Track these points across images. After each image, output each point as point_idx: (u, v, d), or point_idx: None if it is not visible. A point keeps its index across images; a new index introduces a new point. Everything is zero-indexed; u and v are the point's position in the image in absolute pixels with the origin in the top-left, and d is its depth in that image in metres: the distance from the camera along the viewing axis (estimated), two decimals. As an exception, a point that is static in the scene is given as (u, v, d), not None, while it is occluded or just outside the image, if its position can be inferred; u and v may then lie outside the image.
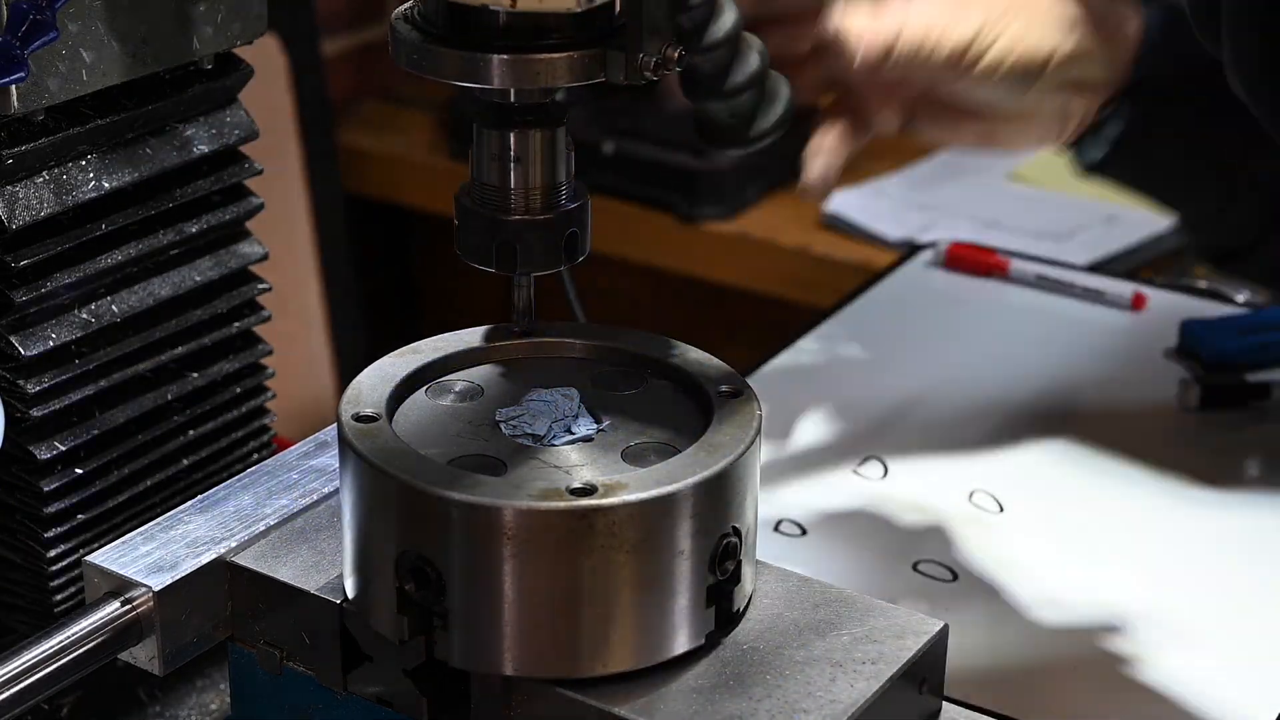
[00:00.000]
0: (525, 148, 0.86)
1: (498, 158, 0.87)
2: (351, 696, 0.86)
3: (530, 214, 0.87)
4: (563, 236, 0.88)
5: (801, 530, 1.13)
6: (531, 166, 0.87)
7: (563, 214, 0.88)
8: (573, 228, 0.88)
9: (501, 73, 0.83)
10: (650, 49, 0.84)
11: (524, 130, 0.86)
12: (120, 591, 0.85)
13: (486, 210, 0.87)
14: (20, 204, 0.92)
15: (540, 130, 0.86)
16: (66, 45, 0.90)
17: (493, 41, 0.82)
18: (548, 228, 0.87)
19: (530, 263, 0.88)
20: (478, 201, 0.88)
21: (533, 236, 0.87)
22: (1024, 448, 1.23)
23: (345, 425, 0.83)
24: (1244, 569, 1.10)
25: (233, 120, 1.01)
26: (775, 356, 1.34)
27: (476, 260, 0.89)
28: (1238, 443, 1.25)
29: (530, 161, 0.87)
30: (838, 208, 1.99)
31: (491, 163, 0.87)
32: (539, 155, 0.87)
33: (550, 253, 0.88)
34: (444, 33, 0.83)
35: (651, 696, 0.80)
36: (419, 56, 0.84)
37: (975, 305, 1.43)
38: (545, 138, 0.87)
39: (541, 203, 0.87)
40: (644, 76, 0.84)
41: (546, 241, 0.88)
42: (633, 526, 0.78)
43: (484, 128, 0.87)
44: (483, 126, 0.87)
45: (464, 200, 0.88)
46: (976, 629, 1.03)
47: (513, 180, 0.87)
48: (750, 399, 0.85)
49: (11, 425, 0.94)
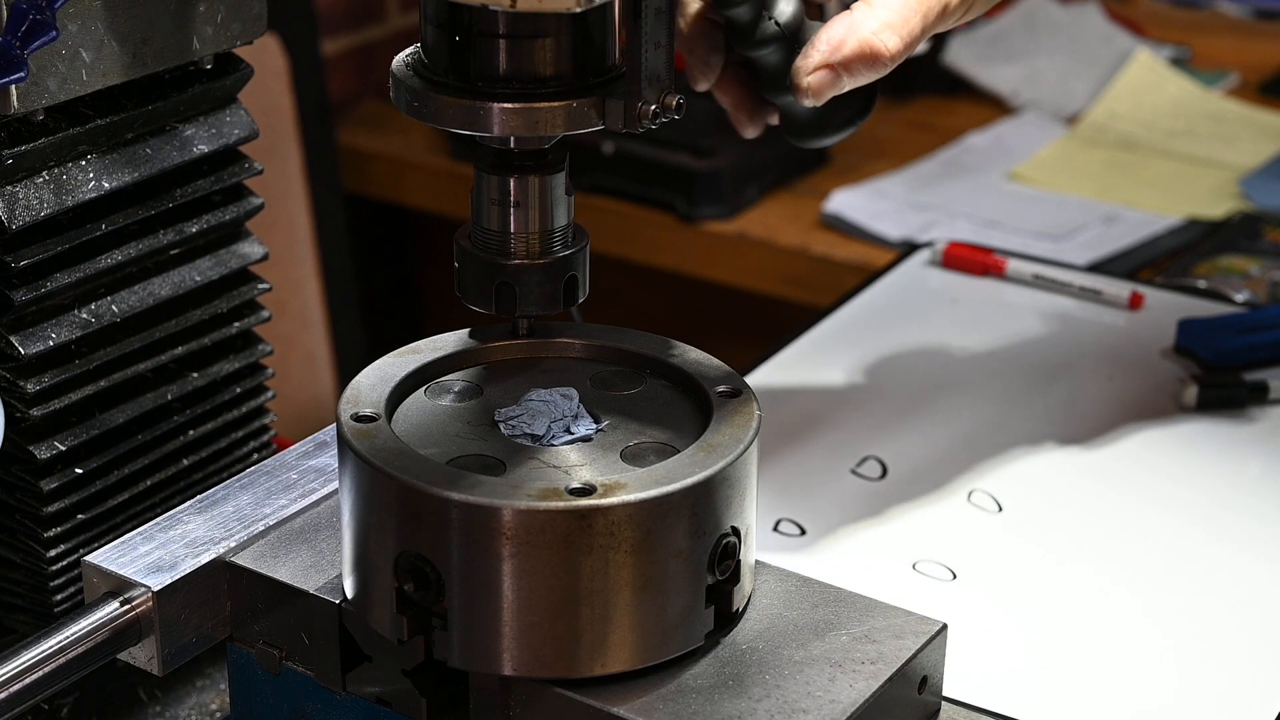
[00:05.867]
0: (525, 193, 0.87)
1: (497, 202, 0.87)
2: (350, 696, 0.86)
3: (529, 258, 0.88)
4: (561, 280, 0.89)
5: (801, 530, 1.13)
6: (531, 211, 0.88)
7: (561, 259, 0.88)
8: (572, 272, 0.89)
9: (502, 121, 0.84)
10: (649, 97, 0.85)
11: (523, 176, 0.87)
12: (119, 591, 0.85)
13: (486, 254, 0.88)
14: (20, 204, 0.92)
15: (539, 176, 0.87)
16: (66, 45, 0.90)
17: (493, 89, 0.83)
18: (546, 271, 0.88)
19: (529, 305, 0.89)
20: (478, 245, 0.89)
21: (531, 280, 0.88)
22: (1022, 447, 1.23)
23: (344, 425, 0.83)
24: (1243, 568, 1.11)
25: (233, 120, 1.02)
26: (774, 356, 1.34)
27: (475, 303, 0.90)
28: (1235, 442, 1.25)
29: (530, 206, 0.88)
30: (837, 208, 1.99)
31: (491, 207, 0.88)
32: (538, 200, 0.88)
33: (549, 296, 0.89)
34: (445, 79, 0.84)
35: (650, 697, 0.80)
36: (419, 103, 0.85)
37: (973, 305, 1.43)
38: (544, 183, 0.87)
39: (540, 247, 0.88)
40: (642, 125, 0.85)
41: (545, 285, 0.89)
42: (632, 526, 0.79)
43: (484, 172, 0.87)
44: (483, 171, 0.88)
45: (463, 243, 0.89)
46: (976, 629, 1.03)
47: (512, 224, 0.88)
48: (749, 399, 0.85)
49: (11, 425, 0.94)
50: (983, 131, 2.20)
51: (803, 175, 2.10)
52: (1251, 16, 2.60)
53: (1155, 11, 2.59)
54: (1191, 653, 1.03)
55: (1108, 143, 2.16)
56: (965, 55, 2.32)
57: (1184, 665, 1.01)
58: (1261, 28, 2.56)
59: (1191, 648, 1.03)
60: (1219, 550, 1.12)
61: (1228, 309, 1.43)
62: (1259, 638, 1.04)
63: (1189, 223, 1.89)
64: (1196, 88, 2.26)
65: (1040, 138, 2.18)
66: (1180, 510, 1.17)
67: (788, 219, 2.02)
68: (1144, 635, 1.04)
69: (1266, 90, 2.29)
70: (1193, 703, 0.98)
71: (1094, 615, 1.06)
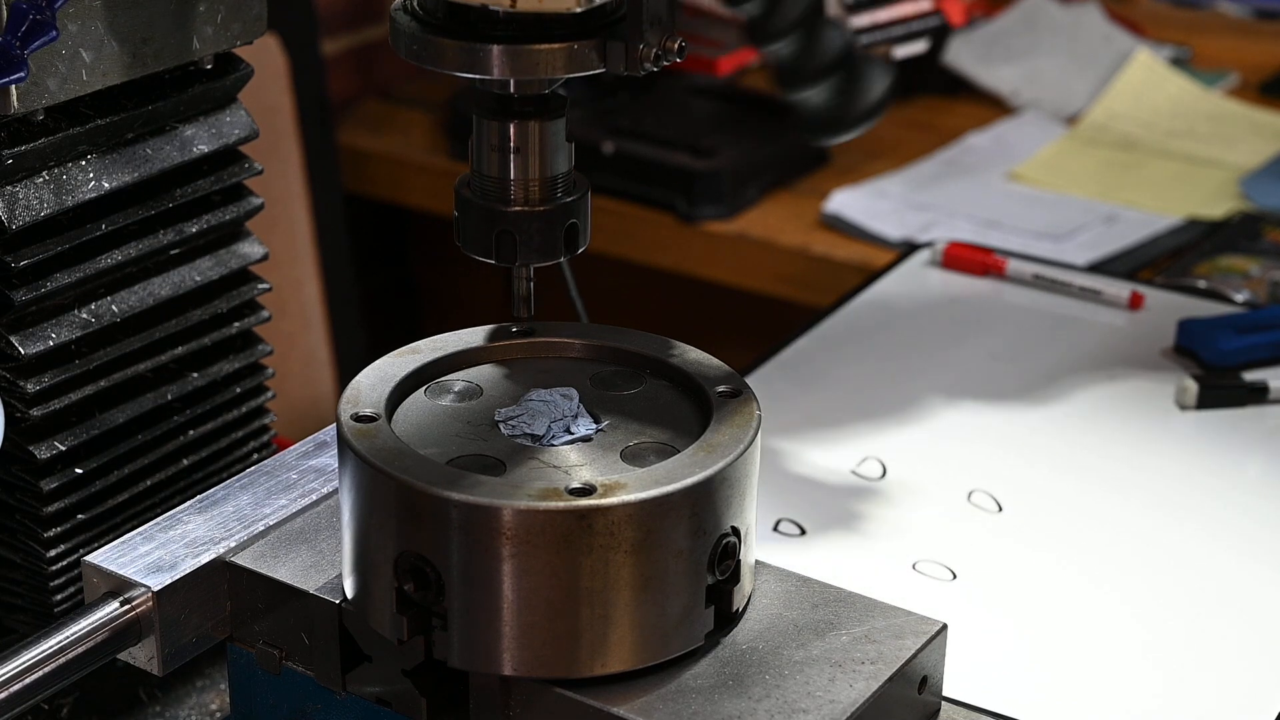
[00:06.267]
0: (525, 138, 0.86)
1: (497, 148, 0.86)
2: (350, 696, 0.86)
3: (529, 205, 0.87)
4: (562, 228, 0.88)
5: (801, 530, 1.13)
6: (531, 157, 0.87)
7: (562, 205, 0.87)
8: (573, 219, 0.88)
9: (501, 63, 0.83)
10: (650, 39, 0.84)
11: (523, 121, 0.86)
12: (119, 591, 0.85)
13: (486, 201, 0.87)
14: (20, 204, 0.92)
15: (540, 121, 0.86)
16: (66, 45, 0.90)
17: (493, 32, 0.82)
18: (547, 219, 0.87)
19: (530, 254, 0.88)
20: (477, 193, 0.88)
21: (532, 227, 0.87)
22: (1022, 447, 1.23)
23: (344, 425, 0.83)
24: (1242, 568, 1.11)
25: (233, 120, 1.02)
26: (774, 356, 1.34)
27: (476, 251, 0.88)
28: (1235, 442, 1.25)
29: (530, 152, 0.86)
30: (837, 208, 1.99)
31: (491, 153, 0.87)
32: (538, 146, 0.87)
33: (549, 244, 0.88)
34: (444, 23, 0.83)
35: (650, 697, 0.80)
36: (418, 47, 0.84)
37: (973, 305, 1.43)
38: (545, 128, 0.86)
39: (541, 194, 0.87)
40: (643, 68, 0.83)
41: (546, 232, 0.87)
42: (631, 526, 0.78)
43: (484, 118, 0.86)
44: (482, 117, 0.86)
45: (463, 191, 0.88)
46: (976, 629, 1.03)
47: (512, 171, 0.87)
48: (749, 399, 0.85)
49: (11, 425, 0.94)
50: (983, 131, 2.19)
51: (803, 175, 2.09)
52: (1251, 16, 2.60)
53: (1155, 11, 2.59)
54: (1191, 653, 1.03)
55: (1108, 143, 2.16)
56: (965, 55, 2.32)
57: (1184, 665, 1.01)
58: (1261, 28, 2.56)
59: (1191, 648, 1.03)
60: (1218, 550, 1.12)
61: (1228, 309, 1.43)
62: (1258, 638, 1.04)
63: (1189, 223, 1.89)
64: (1196, 88, 2.26)
65: (1040, 138, 2.18)
66: (1180, 510, 1.17)
67: (788, 219, 2.01)
68: (1143, 635, 1.04)
69: (1266, 90, 2.29)
70: (1193, 702, 0.98)
71: (1093, 615, 1.06)
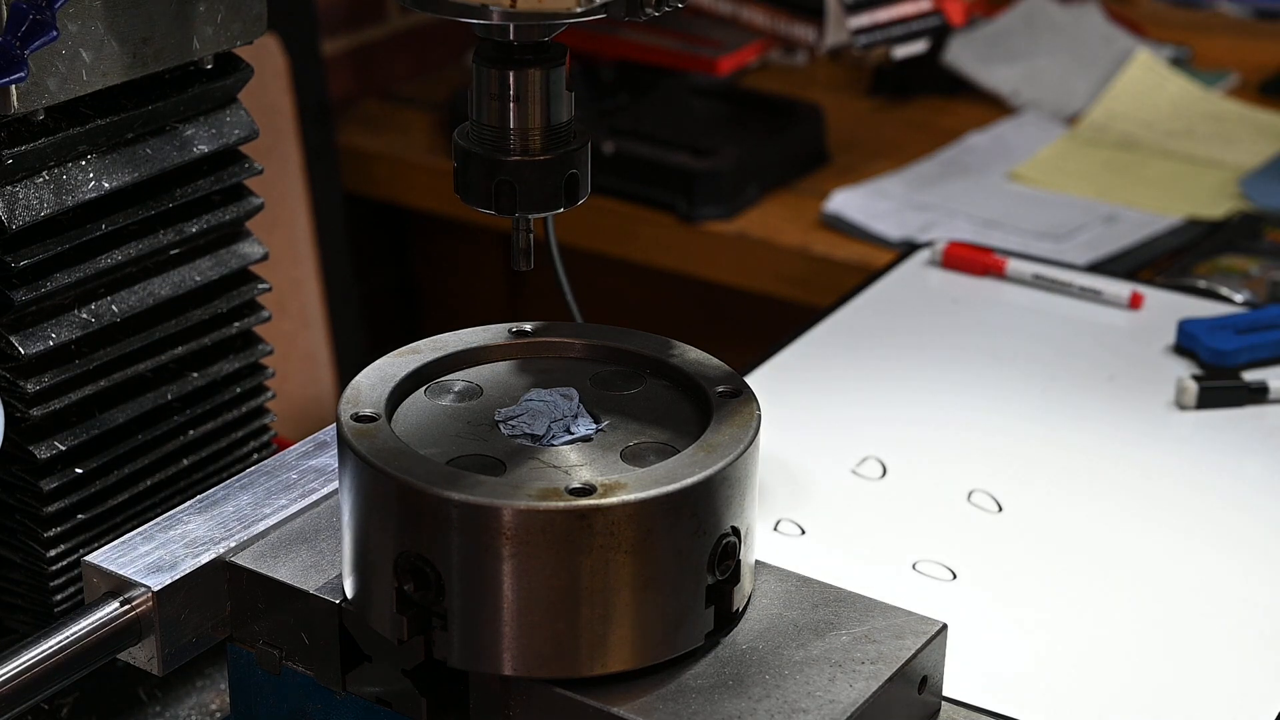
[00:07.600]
0: (524, 87, 0.85)
1: (497, 97, 0.85)
2: (350, 696, 0.86)
3: (529, 154, 0.86)
4: (563, 177, 0.87)
5: (801, 530, 1.13)
6: (531, 106, 0.85)
7: (562, 154, 0.86)
8: (573, 169, 0.87)
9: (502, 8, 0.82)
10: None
11: (523, 69, 0.85)
12: (119, 591, 0.85)
13: (485, 150, 0.86)
14: (20, 204, 0.92)
15: (540, 69, 0.85)
16: (66, 45, 0.90)
17: None
18: (547, 168, 0.86)
19: (530, 204, 0.86)
20: (476, 142, 0.86)
21: (532, 176, 0.86)
22: (1022, 447, 1.23)
23: (344, 425, 0.83)
24: (1242, 568, 1.11)
25: (233, 120, 1.02)
26: (774, 356, 1.34)
27: (475, 202, 0.87)
28: (1235, 442, 1.25)
29: (529, 101, 0.85)
30: (838, 208, 1.99)
31: (490, 102, 0.85)
32: (538, 94, 0.85)
33: (550, 193, 0.86)
34: None
35: (650, 696, 0.80)
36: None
37: (973, 305, 1.43)
38: (545, 77, 0.85)
39: (541, 143, 0.86)
40: (644, 13, 0.82)
41: (546, 182, 0.86)
42: (631, 526, 0.79)
43: (483, 66, 0.85)
44: (482, 65, 0.85)
45: (462, 141, 0.87)
46: (976, 629, 1.03)
47: (512, 120, 0.85)
48: (749, 399, 0.85)
49: (11, 425, 0.94)
50: (983, 131, 2.19)
51: (803, 175, 2.09)
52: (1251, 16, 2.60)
53: (1155, 11, 2.59)
54: (1191, 652, 1.03)
55: (1108, 143, 2.16)
56: (965, 55, 2.32)
57: (1184, 665, 1.01)
58: (1261, 28, 2.56)
59: (1191, 647, 1.03)
60: (1218, 550, 1.12)
61: (1228, 309, 1.43)
62: (1258, 637, 1.04)
63: (1189, 223, 1.89)
64: (1196, 88, 2.26)
65: (1040, 138, 2.18)
66: (1180, 510, 1.17)
67: (788, 219, 2.01)
68: (1143, 635, 1.04)
69: (1266, 90, 2.29)
70: (1192, 702, 0.98)
71: (1093, 615, 1.06)
